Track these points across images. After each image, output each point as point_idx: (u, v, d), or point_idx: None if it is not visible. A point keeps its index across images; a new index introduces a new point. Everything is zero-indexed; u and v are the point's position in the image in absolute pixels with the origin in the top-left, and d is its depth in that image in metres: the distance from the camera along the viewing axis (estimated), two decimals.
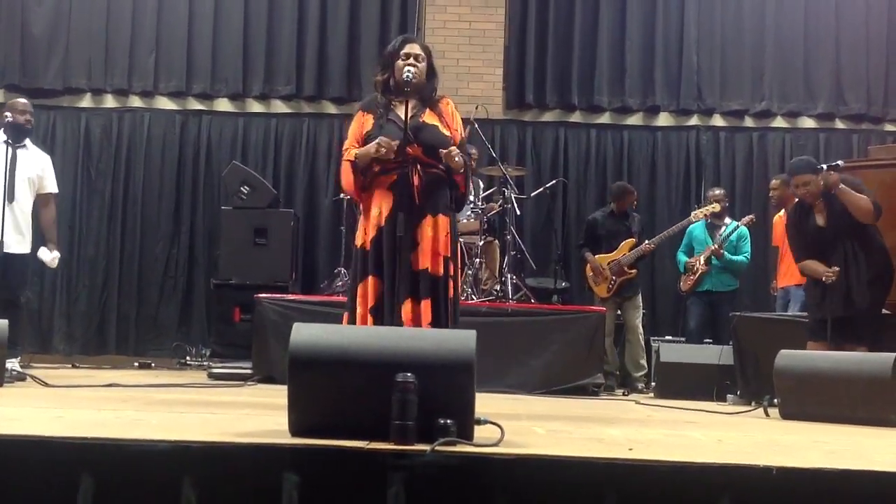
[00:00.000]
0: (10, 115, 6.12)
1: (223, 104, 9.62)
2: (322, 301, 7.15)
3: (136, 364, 8.69)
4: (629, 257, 7.65)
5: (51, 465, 2.42)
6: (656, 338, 8.19)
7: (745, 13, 9.57)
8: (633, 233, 7.77)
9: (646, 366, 7.64)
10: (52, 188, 6.45)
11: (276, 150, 9.51)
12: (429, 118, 4.21)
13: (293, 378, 2.69)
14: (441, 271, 4.14)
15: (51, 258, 6.34)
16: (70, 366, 8.54)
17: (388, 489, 2.36)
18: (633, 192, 8.07)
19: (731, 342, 6.50)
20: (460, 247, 5.91)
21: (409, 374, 2.56)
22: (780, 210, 7.26)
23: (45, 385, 5.35)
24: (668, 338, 8.25)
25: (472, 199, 7.13)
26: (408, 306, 4.05)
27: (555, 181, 8.78)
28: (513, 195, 7.61)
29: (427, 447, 2.43)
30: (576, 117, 9.58)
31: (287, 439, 2.58)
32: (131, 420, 3.31)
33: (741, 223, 7.82)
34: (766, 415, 4.81)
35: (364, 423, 2.58)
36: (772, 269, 7.95)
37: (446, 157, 4.09)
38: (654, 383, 7.21)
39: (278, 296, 7.13)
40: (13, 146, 6.14)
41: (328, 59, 9.52)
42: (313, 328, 2.81)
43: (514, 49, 9.56)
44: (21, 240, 6.13)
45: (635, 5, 9.54)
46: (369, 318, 4.08)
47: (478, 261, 7.40)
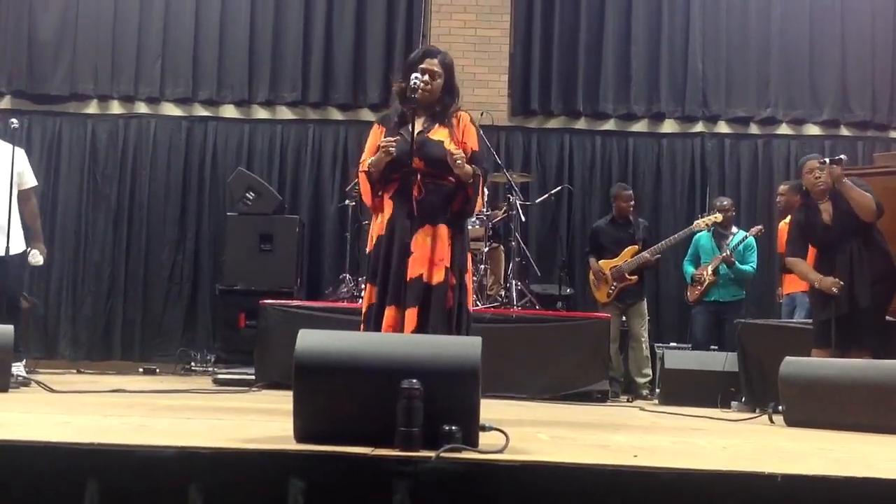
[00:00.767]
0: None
1: (229, 110, 9.64)
2: (327, 307, 7.15)
3: (140, 370, 8.70)
4: (630, 264, 7.65)
5: (56, 472, 2.42)
6: (661, 344, 8.18)
7: (750, 20, 9.57)
8: (637, 240, 7.78)
9: (650, 373, 7.65)
10: (31, 182, 6.27)
11: (282, 156, 9.53)
12: (437, 133, 4.25)
13: (299, 384, 2.69)
14: (438, 280, 4.14)
15: (34, 261, 6.14)
16: (75, 371, 8.56)
17: (394, 495, 2.36)
18: (624, 192, 7.98)
19: (736, 349, 6.51)
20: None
21: (415, 380, 2.56)
22: (787, 216, 7.24)
23: (51, 390, 5.35)
24: (672, 344, 8.24)
25: (483, 209, 7.15)
26: (390, 313, 4.09)
27: (560, 188, 8.79)
28: (518, 202, 7.62)
29: (432, 454, 2.43)
30: (581, 124, 9.60)
31: (293, 445, 2.59)
32: (137, 426, 3.31)
33: (749, 234, 7.80)
34: (771, 422, 4.80)
35: (369, 430, 2.58)
36: (777, 276, 7.93)
37: (450, 160, 4.13)
38: (658, 390, 7.22)
39: (283, 302, 7.15)
40: None
41: (334, 66, 9.54)
42: (319, 334, 2.81)
43: (519, 56, 9.58)
44: (4, 240, 5.81)
45: (640, 12, 9.55)
46: (362, 324, 4.22)
47: (483, 267, 7.40)
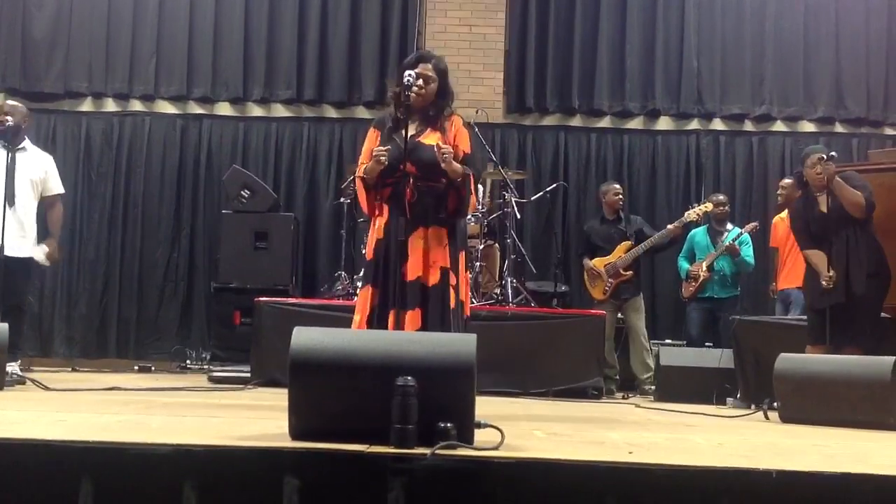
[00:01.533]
0: (8, 118, 6.05)
1: (224, 108, 9.62)
2: (322, 305, 7.15)
3: (136, 367, 8.68)
4: (625, 259, 7.66)
5: (51, 469, 2.42)
6: (656, 341, 8.17)
7: (745, 17, 9.55)
8: (629, 235, 7.78)
9: (652, 366, 7.59)
10: (58, 189, 6.43)
11: (277, 154, 9.51)
12: (429, 138, 4.30)
13: (294, 381, 2.69)
14: (436, 281, 4.21)
15: (42, 257, 6.23)
16: (70, 369, 8.55)
17: (389, 493, 2.36)
18: (610, 187, 7.96)
19: (731, 346, 6.51)
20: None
21: (410, 377, 2.56)
22: (783, 211, 7.24)
23: (46, 388, 5.35)
24: (668, 341, 8.24)
25: (479, 207, 7.16)
26: (392, 316, 4.15)
27: (555, 185, 8.77)
28: (513, 199, 7.62)
29: (427, 451, 2.43)
30: (576, 121, 9.59)
31: (288, 443, 2.59)
32: (132, 423, 3.31)
33: (744, 230, 7.80)
34: (766, 418, 4.82)
35: (364, 427, 2.58)
36: (771, 271, 7.93)
37: (437, 154, 4.17)
38: (653, 387, 7.21)
39: (279, 299, 7.14)
40: (11, 149, 6.10)
41: (328, 64, 9.52)
42: (314, 332, 2.81)
43: (514, 53, 9.56)
44: (24, 243, 6.08)
45: (635, 10, 9.53)
46: (364, 327, 4.24)
47: (478, 264, 7.40)
